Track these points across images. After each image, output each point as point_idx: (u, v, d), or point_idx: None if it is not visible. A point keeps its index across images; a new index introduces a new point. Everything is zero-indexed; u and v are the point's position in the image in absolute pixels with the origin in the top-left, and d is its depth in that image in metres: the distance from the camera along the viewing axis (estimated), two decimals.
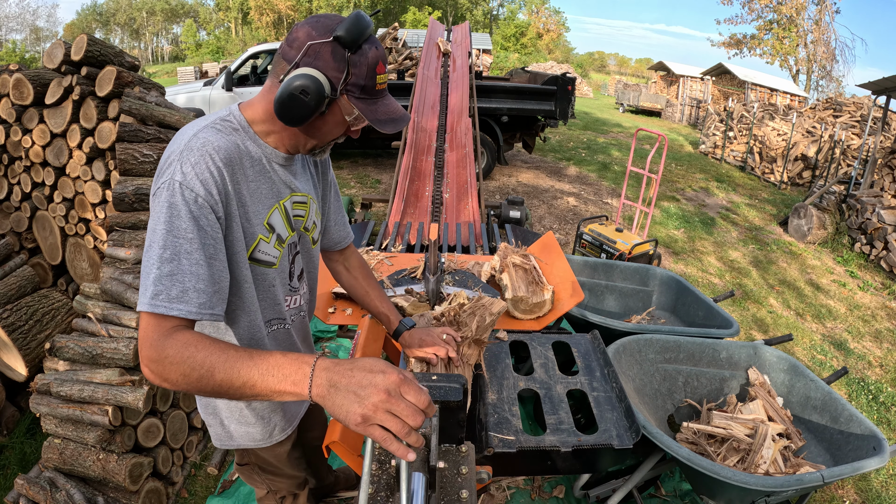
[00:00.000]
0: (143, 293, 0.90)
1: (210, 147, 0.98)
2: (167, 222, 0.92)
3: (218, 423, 1.29)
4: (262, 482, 1.48)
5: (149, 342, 0.87)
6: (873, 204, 6.50)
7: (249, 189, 1.06)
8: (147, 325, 0.89)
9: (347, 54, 0.99)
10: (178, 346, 0.86)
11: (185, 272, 0.91)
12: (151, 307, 0.89)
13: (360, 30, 0.99)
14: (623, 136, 14.67)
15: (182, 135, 1.01)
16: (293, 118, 1.01)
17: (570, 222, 6.73)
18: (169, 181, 0.94)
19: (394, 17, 36.87)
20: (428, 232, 3.34)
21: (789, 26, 27.08)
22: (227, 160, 1.00)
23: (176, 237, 0.92)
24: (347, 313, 2.16)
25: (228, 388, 0.85)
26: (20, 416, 2.66)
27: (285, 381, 0.84)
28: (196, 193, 0.94)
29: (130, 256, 2.51)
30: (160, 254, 0.91)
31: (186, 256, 0.92)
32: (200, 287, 0.93)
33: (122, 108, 2.89)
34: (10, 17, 44.24)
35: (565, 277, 2.22)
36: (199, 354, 0.86)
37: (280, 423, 1.34)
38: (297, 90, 0.97)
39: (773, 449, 1.98)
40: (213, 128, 1.02)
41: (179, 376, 0.86)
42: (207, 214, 0.95)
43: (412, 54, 9.75)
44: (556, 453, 1.39)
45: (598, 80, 40.60)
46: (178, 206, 0.92)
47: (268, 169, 1.10)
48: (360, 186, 7.47)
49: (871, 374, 4.05)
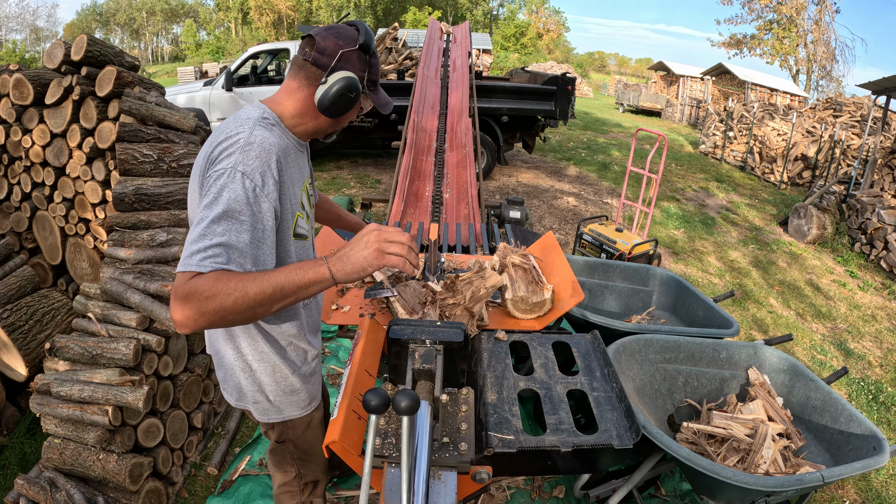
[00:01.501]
0: (189, 257, 1.00)
1: (267, 144, 1.14)
2: (225, 204, 1.05)
3: (265, 399, 1.41)
4: (292, 464, 1.59)
5: (182, 289, 0.97)
6: (873, 204, 6.50)
7: (289, 175, 1.23)
8: (181, 278, 0.99)
9: (368, 58, 1.27)
10: (209, 280, 0.98)
11: (230, 245, 1.03)
12: (199, 266, 0.99)
13: (372, 38, 1.27)
14: (623, 136, 14.67)
15: (241, 124, 1.17)
16: (338, 112, 1.25)
17: (570, 222, 6.73)
18: (231, 169, 1.08)
19: (394, 17, 36.87)
20: (428, 232, 3.34)
21: (789, 26, 27.07)
22: (278, 155, 1.17)
23: (230, 218, 1.04)
24: (344, 311, 2.16)
25: (262, 299, 1.02)
26: (20, 416, 2.66)
27: (309, 274, 1.07)
28: (255, 184, 1.09)
29: (130, 256, 2.51)
30: (213, 228, 1.03)
31: (236, 236, 1.04)
32: (241, 260, 1.04)
33: (122, 108, 2.89)
34: (10, 17, 44.26)
35: (565, 277, 2.22)
36: (231, 282, 0.99)
37: (314, 390, 1.52)
38: (345, 90, 1.20)
39: (773, 449, 1.98)
40: (261, 126, 1.18)
41: (216, 306, 0.98)
42: (262, 203, 1.10)
43: (412, 54, 9.76)
44: (556, 453, 1.39)
45: (598, 80, 40.60)
46: (236, 191, 1.06)
47: (296, 157, 1.29)
48: (360, 186, 7.47)
49: (871, 374, 4.05)
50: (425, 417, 1.14)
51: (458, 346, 1.35)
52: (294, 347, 1.41)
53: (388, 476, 1.19)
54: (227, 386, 1.44)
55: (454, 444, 1.26)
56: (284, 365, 1.39)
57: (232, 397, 1.45)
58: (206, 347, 1.48)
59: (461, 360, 1.41)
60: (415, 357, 1.35)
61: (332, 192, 7.08)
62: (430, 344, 1.39)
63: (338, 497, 2.33)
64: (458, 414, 1.33)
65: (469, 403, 1.36)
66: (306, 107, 1.26)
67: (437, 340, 1.37)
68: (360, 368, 1.47)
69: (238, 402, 1.45)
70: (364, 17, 36.73)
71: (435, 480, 1.17)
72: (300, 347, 1.43)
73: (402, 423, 0.94)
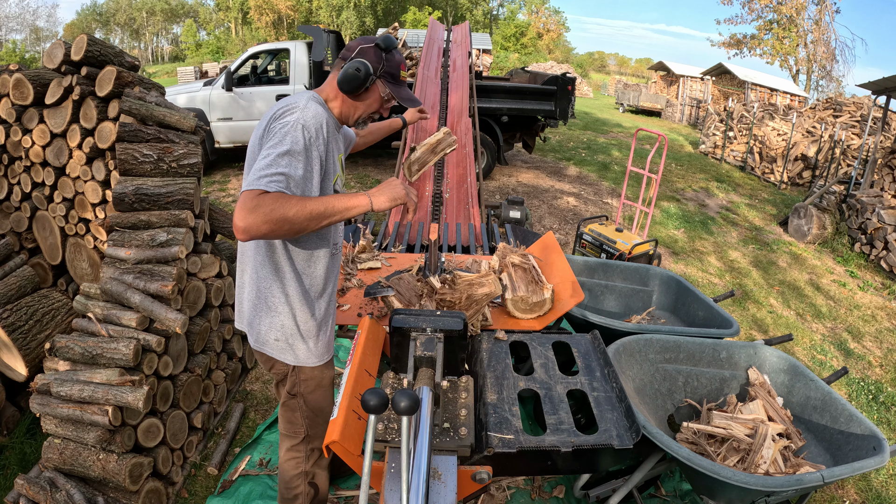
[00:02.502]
0: (258, 180, 1.27)
1: (318, 112, 1.46)
2: (289, 145, 1.35)
3: (284, 338, 1.60)
4: (302, 422, 1.74)
5: (251, 202, 1.23)
6: (873, 204, 6.50)
7: (333, 139, 1.53)
8: (250, 194, 1.25)
9: (383, 54, 1.56)
10: (274, 196, 1.26)
11: (290, 175, 1.32)
12: (266, 186, 1.26)
13: (391, 42, 1.57)
14: (623, 136, 14.66)
15: (298, 98, 1.49)
16: (350, 88, 1.53)
17: (570, 222, 6.73)
18: (295, 121, 1.39)
19: (394, 17, 36.85)
20: (428, 232, 3.34)
21: (789, 26, 27.06)
22: (326, 123, 1.48)
23: (291, 156, 1.34)
24: (344, 309, 2.16)
25: (316, 213, 1.31)
26: (20, 416, 2.66)
27: (353, 200, 1.39)
28: (311, 135, 1.40)
29: (130, 256, 2.50)
30: (278, 160, 1.32)
31: (293, 168, 1.34)
32: (296, 190, 1.33)
33: (122, 108, 2.89)
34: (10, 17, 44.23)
35: (565, 277, 2.22)
36: (292, 199, 1.28)
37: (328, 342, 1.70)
38: (353, 69, 1.51)
39: (773, 449, 1.98)
40: (314, 101, 1.51)
41: (279, 215, 1.24)
42: (314, 149, 1.41)
43: (412, 54, 9.75)
44: (556, 453, 1.39)
45: (598, 80, 40.59)
46: (298, 138, 1.37)
47: (335, 132, 1.57)
48: (360, 186, 7.47)
49: (871, 374, 4.05)
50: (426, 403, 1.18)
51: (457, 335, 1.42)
52: (318, 294, 1.61)
53: (388, 476, 1.19)
54: (251, 326, 1.62)
55: (454, 428, 1.31)
56: (308, 309, 1.59)
57: (252, 338, 1.63)
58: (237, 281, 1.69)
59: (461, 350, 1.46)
60: (416, 345, 1.40)
61: None
62: (430, 332, 1.44)
63: (338, 497, 2.33)
64: (459, 400, 1.40)
65: (469, 391, 1.43)
66: (336, 90, 1.58)
67: (438, 329, 1.44)
68: (360, 368, 1.47)
69: (256, 343, 1.62)
70: (364, 16, 36.71)
71: (435, 480, 1.17)
72: (323, 296, 1.63)
73: (402, 423, 0.94)
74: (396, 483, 1.14)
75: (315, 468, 1.81)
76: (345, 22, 35.59)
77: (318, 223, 1.33)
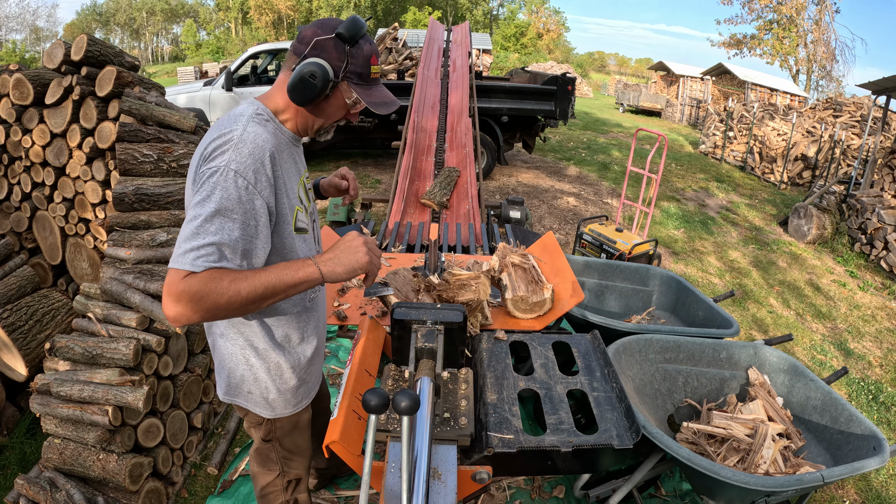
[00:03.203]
0: (182, 255, 1.04)
1: (260, 140, 1.15)
2: (217, 203, 1.07)
3: (259, 394, 1.41)
4: (276, 462, 1.59)
5: (176, 287, 1.02)
6: (873, 204, 6.50)
7: (285, 170, 1.24)
8: (174, 277, 1.03)
9: (347, 48, 1.20)
10: (203, 280, 1.03)
11: (222, 244, 1.06)
12: (192, 265, 1.03)
13: (357, 28, 1.20)
14: (623, 136, 14.66)
15: (236, 121, 1.18)
16: (304, 99, 1.20)
17: (570, 222, 6.73)
18: (224, 168, 1.09)
19: (394, 17, 36.87)
20: (428, 232, 3.34)
21: (789, 26, 27.06)
22: (272, 151, 1.17)
23: (223, 216, 1.07)
24: (345, 307, 2.16)
25: (254, 297, 1.07)
26: (20, 416, 2.66)
27: (299, 273, 1.13)
28: (248, 182, 1.11)
29: (130, 256, 2.51)
30: (206, 227, 1.05)
31: (226, 232, 1.07)
32: (233, 256, 1.08)
33: (122, 108, 2.89)
34: (10, 17, 44.22)
35: (565, 277, 2.22)
36: (224, 281, 1.04)
37: (309, 389, 1.52)
38: (307, 74, 1.17)
39: (773, 449, 1.98)
40: (255, 121, 1.19)
41: (210, 304, 1.03)
42: (255, 200, 1.12)
43: (412, 54, 9.75)
44: (556, 453, 1.39)
45: (598, 80, 40.58)
46: (229, 190, 1.08)
47: (290, 152, 1.30)
48: (360, 186, 7.47)
49: (871, 374, 4.05)
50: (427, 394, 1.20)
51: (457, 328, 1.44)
52: (295, 345, 1.41)
53: (388, 476, 1.19)
54: (220, 376, 1.43)
55: (454, 418, 1.33)
56: (284, 362, 1.39)
57: (221, 389, 1.44)
58: (208, 342, 1.49)
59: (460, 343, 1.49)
60: (417, 336, 1.41)
61: None
62: (431, 325, 1.46)
63: (338, 497, 2.33)
64: (458, 391, 1.43)
65: (469, 382, 1.45)
66: (288, 99, 1.24)
67: (438, 321, 1.45)
68: (360, 368, 1.47)
69: (227, 395, 1.43)
70: (364, 17, 36.68)
71: (435, 480, 1.17)
72: (302, 346, 1.43)
73: (402, 423, 0.94)
74: (396, 483, 1.14)
75: (295, 495, 1.67)
76: None
77: (260, 306, 1.10)
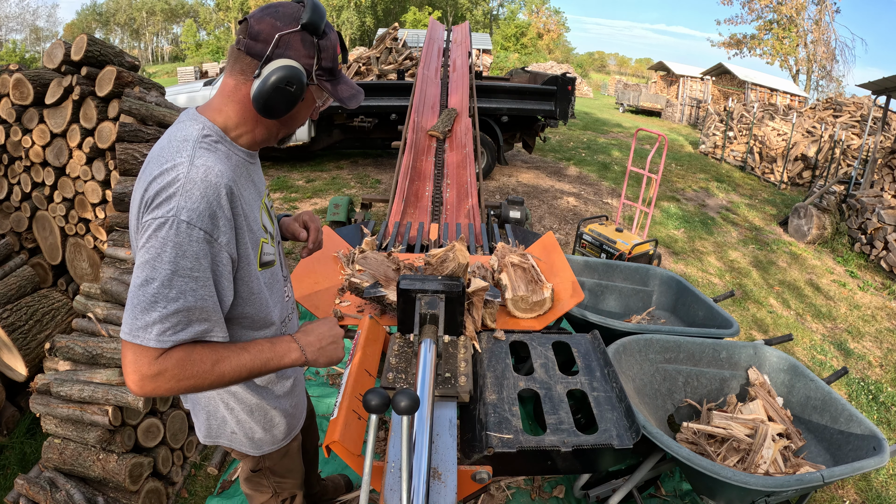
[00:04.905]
0: (144, 329, 0.90)
1: (212, 175, 0.95)
2: (172, 262, 0.91)
3: (242, 434, 1.32)
4: (269, 486, 1.53)
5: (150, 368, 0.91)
6: (873, 204, 6.50)
7: (245, 200, 1.05)
8: (145, 355, 0.91)
9: (316, 41, 1.01)
10: (180, 362, 0.93)
11: (188, 309, 0.93)
12: (158, 341, 0.91)
13: (322, 14, 1.00)
14: (623, 136, 14.66)
15: (179, 151, 0.96)
16: (279, 111, 1.01)
17: (570, 222, 6.73)
18: (173, 220, 0.90)
19: (394, 17, 36.87)
20: (428, 232, 3.34)
21: (789, 26, 27.07)
22: (229, 184, 0.98)
23: (182, 276, 0.92)
24: (345, 305, 2.16)
25: (237, 379, 1.02)
26: (20, 416, 2.66)
27: (284, 360, 1.08)
28: (203, 230, 0.93)
29: (131, 256, 2.51)
30: (165, 293, 0.90)
31: (192, 295, 0.93)
32: (203, 318, 0.96)
33: (122, 108, 2.89)
34: (10, 17, 44.23)
35: (565, 277, 2.22)
36: (205, 364, 0.96)
37: (294, 421, 1.45)
38: (283, 83, 0.97)
39: (773, 449, 1.98)
40: (203, 148, 0.98)
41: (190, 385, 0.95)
42: (213, 249, 0.96)
43: (412, 54, 9.75)
44: (556, 453, 1.39)
45: (598, 80, 40.59)
46: (182, 245, 0.91)
47: (248, 174, 1.11)
48: (360, 186, 7.47)
49: (871, 374, 4.05)
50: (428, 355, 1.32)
51: (457, 297, 1.56)
52: (273, 383, 1.32)
53: (388, 476, 1.19)
54: (198, 420, 1.32)
55: (454, 377, 1.45)
56: (266, 403, 1.30)
57: (201, 433, 1.33)
58: None
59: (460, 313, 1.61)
60: (420, 303, 1.53)
61: (333, 192, 7.08)
62: (432, 293, 1.57)
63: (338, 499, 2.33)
64: (458, 355, 1.55)
65: (468, 348, 1.59)
66: (247, 110, 1.03)
67: (440, 291, 1.56)
68: (360, 368, 1.47)
69: (208, 437, 1.33)
70: (364, 17, 36.71)
71: (435, 480, 1.17)
72: (281, 382, 1.34)
73: (402, 423, 0.94)
74: (396, 483, 1.14)
75: None
76: (345, 22, 35.59)
77: (238, 382, 1.04)
